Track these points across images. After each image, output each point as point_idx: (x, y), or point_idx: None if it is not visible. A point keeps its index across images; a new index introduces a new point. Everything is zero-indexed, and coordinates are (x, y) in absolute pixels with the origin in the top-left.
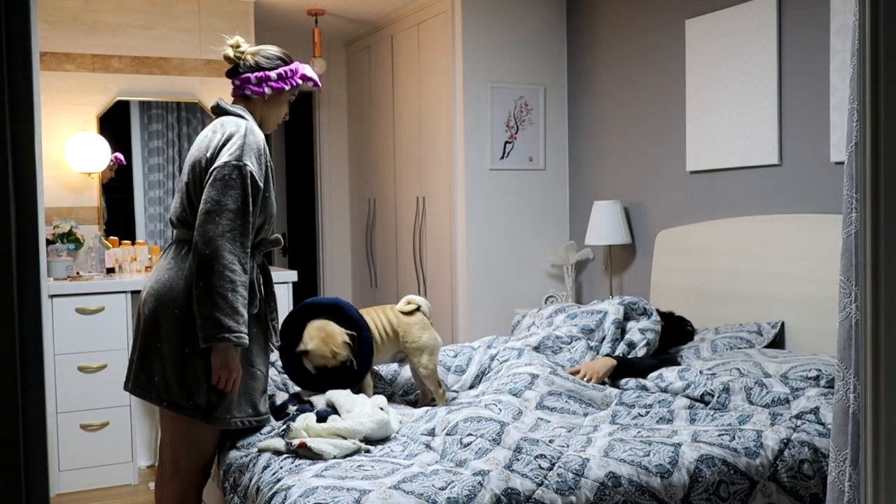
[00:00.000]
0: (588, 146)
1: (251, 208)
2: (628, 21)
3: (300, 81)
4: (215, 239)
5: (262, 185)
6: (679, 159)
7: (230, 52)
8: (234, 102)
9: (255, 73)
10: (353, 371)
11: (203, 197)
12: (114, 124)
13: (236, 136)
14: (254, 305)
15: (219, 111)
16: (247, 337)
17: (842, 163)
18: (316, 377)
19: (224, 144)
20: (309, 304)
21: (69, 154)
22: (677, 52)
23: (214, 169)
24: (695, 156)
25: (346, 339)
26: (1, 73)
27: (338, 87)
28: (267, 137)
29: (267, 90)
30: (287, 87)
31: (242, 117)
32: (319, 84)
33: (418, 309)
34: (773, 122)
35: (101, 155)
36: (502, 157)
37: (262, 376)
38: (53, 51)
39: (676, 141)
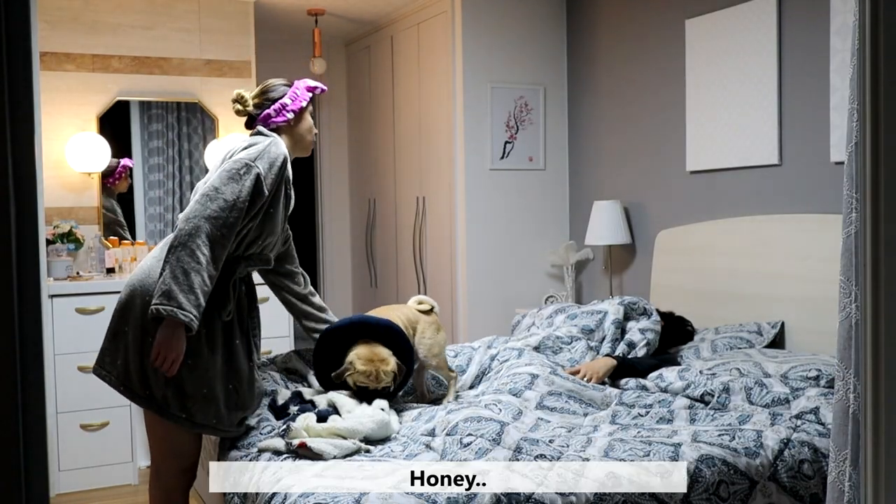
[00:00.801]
0: (588, 146)
1: (246, 207)
2: (628, 21)
3: (310, 94)
4: (198, 218)
5: (267, 192)
6: (679, 159)
7: (240, 108)
8: None
9: (272, 107)
10: (388, 393)
11: (207, 183)
12: (114, 124)
13: (260, 144)
14: (225, 312)
15: (255, 133)
16: (197, 322)
17: (842, 163)
18: (349, 390)
19: (245, 148)
20: (361, 321)
21: (69, 154)
22: (677, 52)
23: (226, 161)
24: (695, 156)
25: (396, 369)
26: (1, 73)
27: (338, 87)
28: None
29: (289, 115)
30: (304, 104)
31: (272, 137)
32: (325, 88)
33: (432, 309)
34: (773, 122)
35: (101, 155)
36: (502, 157)
37: (234, 394)
38: (53, 51)
39: (676, 141)
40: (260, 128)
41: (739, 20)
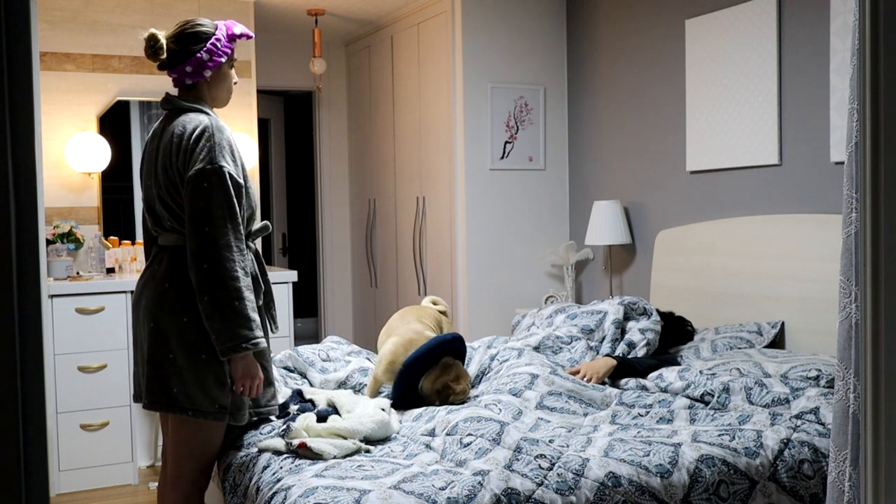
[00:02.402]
0: (588, 146)
1: (237, 209)
2: (628, 21)
3: (233, 45)
4: (210, 250)
5: (241, 182)
6: (679, 159)
7: (150, 52)
8: (180, 94)
9: (188, 61)
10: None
11: (187, 209)
12: (114, 124)
13: (203, 137)
14: (259, 298)
15: (171, 107)
16: (263, 340)
17: (842, 163)
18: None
19: (194, 148)
20: (440, 344)
21: (69, 154)
22: (677, 52)
23: (191, 178)
24: (695, 156)
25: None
26: (1, 73)
27: (338, 87)
28: (265, 135)
29: (207, 73)
30: (224, 59)
31: (201, 110)
32: (252, 35)
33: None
34: (773, 122)
35: (101, 155)
36: (502, 157)
37: (264, 370)
38: (53, 51)
39: (676, 141)
40: (176, 100)
41: (739, 20)
